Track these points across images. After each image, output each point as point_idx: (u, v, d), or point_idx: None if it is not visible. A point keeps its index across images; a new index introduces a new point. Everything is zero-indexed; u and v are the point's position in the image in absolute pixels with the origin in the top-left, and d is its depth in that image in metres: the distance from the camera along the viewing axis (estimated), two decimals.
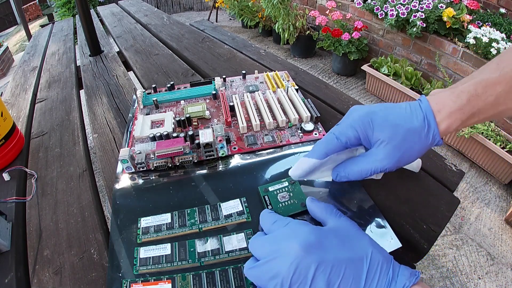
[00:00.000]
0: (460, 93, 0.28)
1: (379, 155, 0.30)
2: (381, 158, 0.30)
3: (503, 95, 0.27)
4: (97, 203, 0.42)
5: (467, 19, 1.57)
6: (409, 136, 0.29)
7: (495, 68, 0.28)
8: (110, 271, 0.31)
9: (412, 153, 0.30)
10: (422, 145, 0.29)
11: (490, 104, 0.28)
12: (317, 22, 2.12)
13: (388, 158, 0.30)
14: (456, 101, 0.28)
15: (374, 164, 0.30)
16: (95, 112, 0.63)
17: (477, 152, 1.38)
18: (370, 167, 0.31)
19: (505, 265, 1.06)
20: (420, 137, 0.29)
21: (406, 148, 0.29)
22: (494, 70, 0.28)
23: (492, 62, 0.29)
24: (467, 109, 0.28)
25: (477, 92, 0.28)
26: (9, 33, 5.49)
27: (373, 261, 0.24)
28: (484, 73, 0.28)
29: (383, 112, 0.30)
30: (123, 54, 0.92)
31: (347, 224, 0.28)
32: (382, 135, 0.30)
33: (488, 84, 0.28)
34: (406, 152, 0.30)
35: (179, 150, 0.41)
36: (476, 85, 0.28)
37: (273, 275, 0.25)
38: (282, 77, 0.62)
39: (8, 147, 0.50)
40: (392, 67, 1.77)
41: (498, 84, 0.27)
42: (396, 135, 0.29)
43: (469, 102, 0.28)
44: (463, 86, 0.29)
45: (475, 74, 0.30)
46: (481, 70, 0.30)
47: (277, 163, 0.42)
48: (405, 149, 0.29)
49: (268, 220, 0.30)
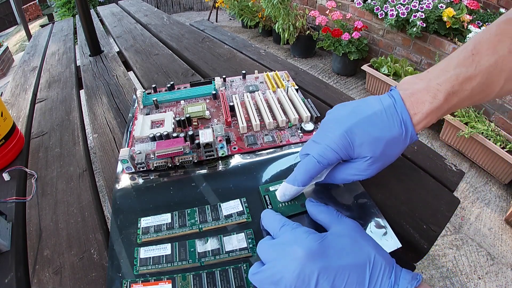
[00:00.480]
0: (436, 92, 0.28)
1: (361, 166, 0.31)
2: (364, 169, 0.31)
3: (479, 87, 0.27)
4: (97, 203, 0.42)
5: (467, 19, 1.57)
6: (388, 146, 0.29)
7: (470, 61, 0.27)
8: (110, 271, 0.31)
9: (392, 157, 0.31)
10: (400, 148, 0.30)
11: (465, 97, 0.28)
12: (317, 22, 2.12)
13: (370, 169, 0.30)
14: (433, 102, 0.28)
15: (357, 174, 0.31)
16: (95, 112, 0.63)
17: (477, 152, 1.38)
18: (352, 177, 0.32)
19: (505, 265, 1.06)
20: (398, 143, 0.29)
21: (387, 156, 0.30)
22: (470, 63, 0.27)
23: (466, 49, 0.28)
24: (445, 106, 0.28)
25: (454, 89, 0.27)
26: (9, 33, 5.49)
27: (376, 265, 0.24)
28: (459, 67, 0.27)
29: (360, 128, 0.30)
30: (123, 54, 0.92)
31: (350, 227, 0.28)
32: (363, 152, 0.30)
33: (464, 80, 0.27)
34: (387, 159, 0.31)
35: (179, 150, 0.41)
36: (453, 82, 0.27)
37: (276, 281, 0.25)
38: (282, 77, 0.62)
39: (8, 147, 0.50)
40: (392, 67, 1.77)
41: (474, 78, 0.27)
42: (377, 149, 0.29)
43: (446, 100, 0.28)
44: (438, 83, 0.28)
45: (449, 65, 0.28)
46: (455, 60, 0.28)
47: (277, 163, 0.42)
48: (386, 158, 0.30)
49: (276, 223, 0.30)
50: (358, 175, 0.31)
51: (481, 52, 0.27)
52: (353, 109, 0.31)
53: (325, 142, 0.31)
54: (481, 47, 0.27)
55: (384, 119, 0.29)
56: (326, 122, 0.32)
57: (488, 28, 0.28)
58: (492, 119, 1.45)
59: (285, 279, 0.24)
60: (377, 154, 0.29)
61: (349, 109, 0.31)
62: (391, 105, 0.29)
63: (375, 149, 0.29)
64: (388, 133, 0.29)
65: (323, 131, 0.32)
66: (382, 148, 0.29)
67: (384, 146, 0.29)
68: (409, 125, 0.29)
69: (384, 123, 0.29)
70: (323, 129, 0.32)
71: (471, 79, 0.27)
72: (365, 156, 0.30)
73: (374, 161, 0.30)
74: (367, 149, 0.29)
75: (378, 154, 0.29)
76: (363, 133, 0.29)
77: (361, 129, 0.30)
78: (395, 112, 0.29)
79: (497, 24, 0.27)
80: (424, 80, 0.29)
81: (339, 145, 0.30)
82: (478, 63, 0.26)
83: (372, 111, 0.30)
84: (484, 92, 0.27)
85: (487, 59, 0.26)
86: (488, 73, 0.26)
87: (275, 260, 0.26)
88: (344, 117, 0.31)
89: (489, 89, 0.27)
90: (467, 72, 0.27)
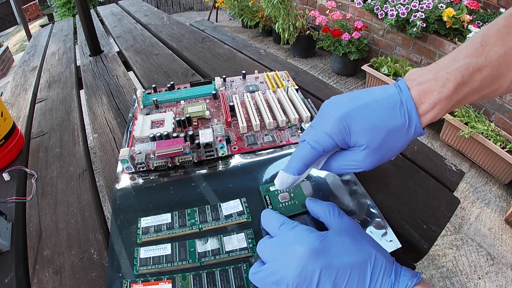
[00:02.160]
0: (446, 81, 0.26)
1: (358, 157, 0.28)
2: (361, 160, 0.28)
3: (489, 79, 0.26)
4: (97, 203, 0.42)
5: (467, 19, 1.57)
6: (389, 137, 0.27)
7: (480, 51, 0.26)
8: (110, 271, 0.31)
9: (393, 151, 0.28)
10: (403, 141, 0.28)
11: (475, 89, 0.26)
12: (317, 22, 2.12)
13: (367, 160, 0.28)
14: (442, 91, 0.26)
15: (354, 165, 0.29)
16: (95, 112, 0.63)
17: (477, 152, 1.38)
18: (348, 167, 0.29)
19: (505, 265, 1.06)
20: (401, 134, 0.27)
21: (386, 149, 0.28)
22: (480, 54, 0.26)
23: (475, 41, 0.27)
24: (454, 97, 0.26)
25: (464, 79, 0.26)
26: (9, 33, 5.49)
27: (377, 263, 0.24)
28: (469, 57, 0.26)
29: (359, 114, 0.28)
30: (123, 54, 0.92)
31: (350, 226, 0.28)
32: (360, 140, 0.28)
33: (474, 70, 0.26)
34: (387, 152, 0.28)
35: (179, 150, 0.41)
36: (462, 71, 0.26)
37: (277, 279, 0.25)
38: (282, 77, 0.62)
39: (8, 147, 0.50)
40: (392, 67, 1.77)
41: (484, 69, 0.26)
42: (375, 139, 0.27)
43: (456, 90, 0.26)
44: (447, 72, 0.26)
45: (458, 56, 0.27)
46: (463, 51, 0.27)
47: (277, 163, 0.42)
48: (385, 150, 0.28)
49: (275, 222, 0.29)
50: (354, 166, 0.29)
51: (490, 43, 0.26)
52: (354, 95, 0.29)
53: (320, 128, 0.29)
54: (490, 39, 0.26)
55: (386, 107, 0.27)
56: (324, 107, 0.30)
57: (495, 21, 0.27)
58: (492, 119, 1.45)
59: (286, 277, 0.24)
60: (375, 144, 0.27)
61: (351, 95, 0.29)
62: (396, 93, 0.27)
63: (374, 138, 0.27)
64: (389, 123, 0.27)
65: (320, 116, 0.30)
66: (381, 138, 0.27)
67: (384, 136, 0.27)
68: (413, 115, 0.26)
69: (385, 111, 0.27)
70: (321, 114, 0.30)
71: (481, 70, 0.26)
72: (362, 144, 0.28)
73: (372, 151, 0.28)
74: (365, 137, 0.27)
75: (377, 144, 0.27)
76: (361, 119, 0.27)
77: (360, 115, 0.27)
78: (399, 101, 0.27)
79: (504, 17, 0.26)
80: (433, 71, 0.27)
81: (335, 130, 0.28)
82: (488, 54, 0.25)
83: (374, 98, 0.28)
84: (493, 85, 0.26)
85: (497, 50, 0.25)
86: (498, 64, 0.25)
87: (276, 259, 0.26)
88: (343, 102, 0.29)
89: (498, 83, 0.26)
90: (477, 62, 0.26)
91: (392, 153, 0.28)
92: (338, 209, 0.30)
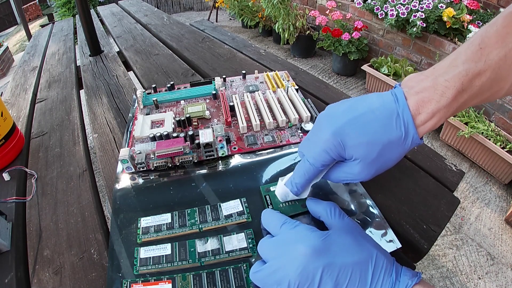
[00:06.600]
0: (445, 89, 0.25)
1: (354, 169, 0.28)
2: (357, 172, 0.28)
3: (488, 83, 0.25)
4: (97, 203, 0.42)
5: (467, 19, 1.57)
6: (385, 150, 0.27)
7: (479, 54, 0.25)
8: (110, 271, 0.31)
9: (390, 162, 0.28)
10: (400, 152, 0.27)
11: (474, 94, 0.25)
12: (317, 22, 2.12)
13: (363, 172, 0.28)
14: (441, 100, 0.25)
15: (350, 177, 0.29)
16: (95, 112, 0.63)
17: (477, 152, 1.38)
18: (345, 179, 0.30)
19: (505, 265, 1.06)
20: (397, 146, 0.27)
21: (382, 161, 0.28)
22: (479, 58, 0.25)
23: (473, 44, 0.26)
24: (453, 105, 0.26)
25: (463, 86, 0.25)
26: (9, 33, 5.49)
27: (378, 263, 0.24)
28: (468, 62, 0.25)
29: (354, 127, 0.27)
30: (123, 54, 0.92)
31: (351, 226, 0.28)
32: (355, 154, 0.27)
33: (474, 76, 0.25)
34: (384, 164, 0.28)
35: (179, 150, 0.41)
36: (462, 78, 0.25)
37: (279, 278, 0.25)
38: (282, 77, 0.62)
39: (8, 147, 0.50)
40: (392, 67, 1.77)
41: (484, 74, 0.25)
42: (370, 153, 0.27)
43: (455, 98, 0.25)
44: (446, 80, 0.25)
45: (456, 60, 0.26)
46: (462, 55, 0.26)
47: (277, 163, 0.42)
48: (381, 162, 0.28)
49: (276, 221, 0.29)
50: (351, 177, 0.29)
51: (490, 46, 0.25)
52: (350, 105, 0.29)
53: (316, 143, 0.29)
54: (489, 41, 0.25)
55: (381, 119, 0.27)
56: (321, 118, 0.30)
57: (494, 21, 0.26)
58: (492, 119, 1.45)
59: (288, 276, 0.24)
60: (370, 158, 0.27)
61: (346, 105, 0.29)
62: (392, 103, 0.27)
63: (369, 152, 0.27)
64: (384, 136, 0.26)
65: (316, 129, 0.30)
66: (376, 152, 0.27)
67: (379, 150, 0.27)
68: (410, 127, 0.26)
69: (381, 123, 0.26)
70: (316, 127, 0.30)
71: (481, 75, 0.25)
72: (357, 158, 0.28)
73: (367, 165, 0.28)
74: (360, 151, 0.27)
75: (372, 158, 0.27)
76: (356, 133, 0.27)
77: (354, 128, 0.27)
78: (395, 112, 0.26)
79: (503, 17, 0.25)
80: (431, 77, 0.26)
81: (330, 146, 0.28)
82: (487, 57, 0.25)
83: (369, 109, 0.27)
84: (493, 88, 0.26)
85: (496, 53, 0.24)
86: (497, 67, 0.25)
87: (277, 258, 0.26)
88: (338, 114, 0.28)
89: (498, 86, 0.26)
90: (476, 67, 0.25)
91: (388, 164, 0.28)
92: (339, 209, 0.30)
